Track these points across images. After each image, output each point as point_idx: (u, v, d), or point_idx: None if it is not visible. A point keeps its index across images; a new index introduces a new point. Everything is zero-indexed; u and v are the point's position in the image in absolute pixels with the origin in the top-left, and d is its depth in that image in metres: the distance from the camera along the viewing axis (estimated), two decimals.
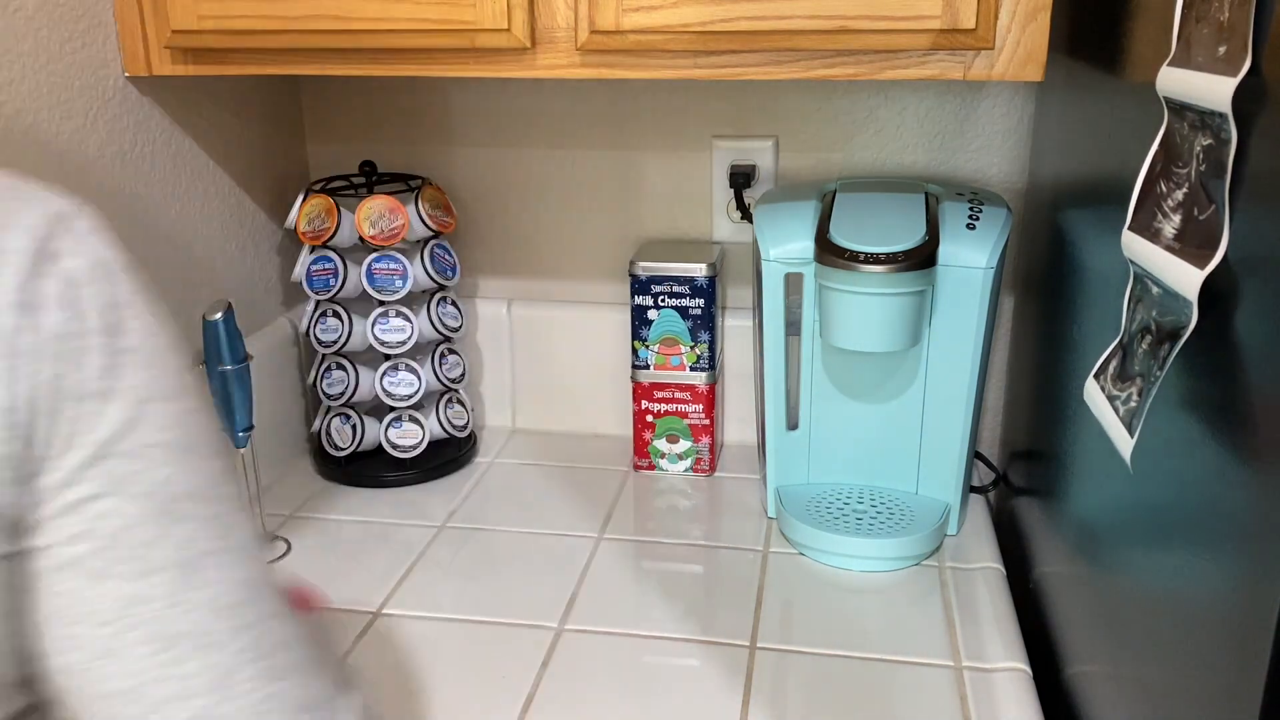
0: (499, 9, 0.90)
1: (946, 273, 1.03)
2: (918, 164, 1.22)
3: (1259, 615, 0.49)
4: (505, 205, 1.32)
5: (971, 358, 1.06)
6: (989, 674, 0.90)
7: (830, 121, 1.22)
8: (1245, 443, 0.51)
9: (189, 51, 0.98)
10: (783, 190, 1.15)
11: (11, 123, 0.87)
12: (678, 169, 1.27)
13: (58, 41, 0.92)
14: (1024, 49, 0.85)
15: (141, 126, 1.02)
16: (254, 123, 1.22)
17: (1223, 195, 0.51)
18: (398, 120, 1.31)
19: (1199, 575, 0.57)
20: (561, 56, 0.92)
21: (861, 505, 1.11)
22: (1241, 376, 0.52)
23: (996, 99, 1.18)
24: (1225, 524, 0.53)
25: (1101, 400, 0.65)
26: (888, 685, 0.89)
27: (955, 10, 0.84)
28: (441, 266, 1.22)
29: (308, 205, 1.18)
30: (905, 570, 1.06)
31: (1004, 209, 1.06)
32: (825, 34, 0.86)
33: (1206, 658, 0.56)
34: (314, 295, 1.19)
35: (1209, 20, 0.54)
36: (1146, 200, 0.60)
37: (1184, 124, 0.56)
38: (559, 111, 1.27)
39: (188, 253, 1.10)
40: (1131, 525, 0.70)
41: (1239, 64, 0.50)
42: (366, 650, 0.94)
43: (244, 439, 1.07)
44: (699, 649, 0.94)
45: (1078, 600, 0.85)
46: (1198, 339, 0.56)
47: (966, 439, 1.09)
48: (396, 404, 1.22)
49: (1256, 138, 0.50)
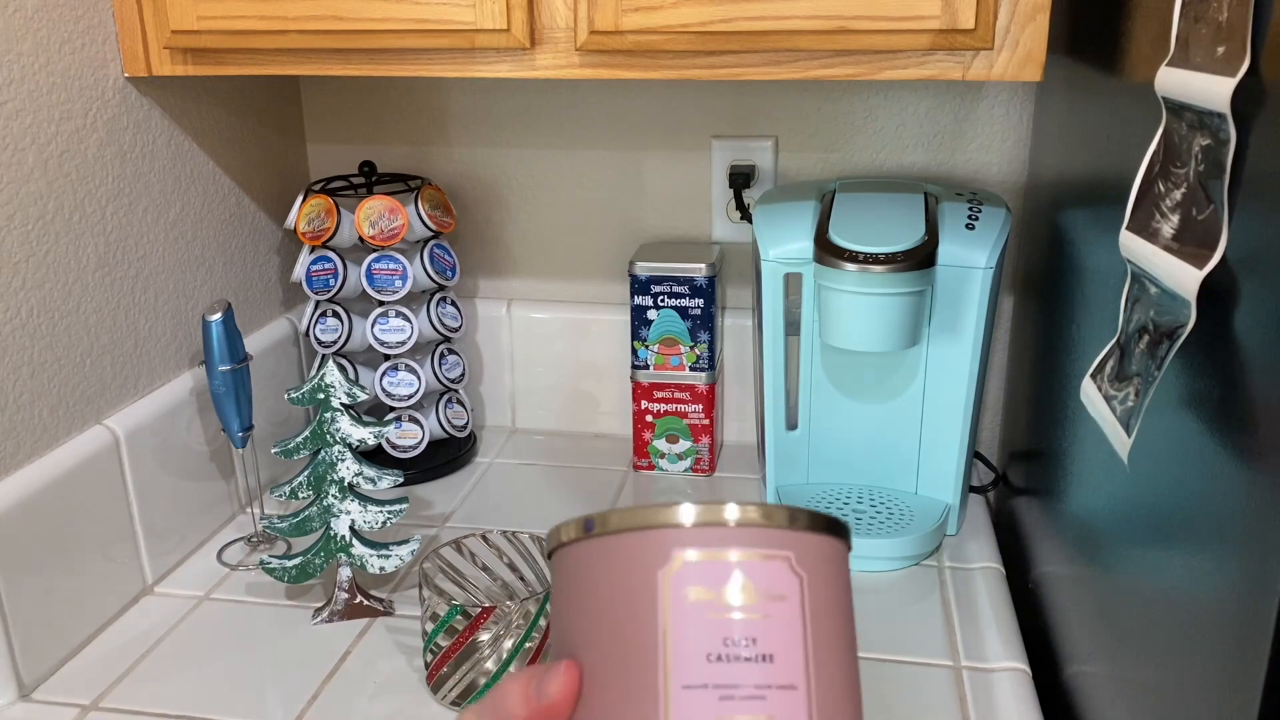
0: (498, 9, 0.90)
1: (946, 273, 1.03)
2: (917, 164, 1.22)
3: (1258, 614, 0.49)
4: (505, 205, 1.32)
5: (971, 358, 1.06)
6: (988, 674, 0.90)
7: (830, 121, 1.22)
8: (1243, 442, 0.51)
9: (188, 52, 0.98)
10: (782, 190, 1.15)
11: (11, 123, 0.87)
12: (677, 169, 1.27)
13: (57, 42, 0.92)
14: (1023, 49, 0.85)
15: (141, 127, 1.02)
16: (253, 123, 1.22)
17: (1221, 195, 0.51)
18: (397, 120, 1.31)
19: (1198, 575, 0.57)
20: (561, 57, 0.92)
21: (861, 505, 1.11)
22: (1240, 376, 0.52)
23: (996, 99, 1.18)
24: (1224, 523, 0.53)
25: (1099, 400, 0.65)
26: (886, 685, 0.89)
27: (954, 10, 0.84)
28: (441, 267, 1.22)
29: (307, 205, 1.18)
30: (904, 570, 1.06)
31: (1003, 209, 1.06)
32: (824, 34, 0.86)
33: (1206, 657, 0.56)
34: (313, 295, 1.19)
35: (1207, 20, 0.54)
36: (1145, 200, 0.60)
37: (1182, 124, 0.56)
38: (558, 112, 1.27)
39: (187, 253, 1.10)
40: (1131, 525, 0.69)
41: (1237, 64, 0.50)
42: (368, 651, 0.94)
43: (243, 439, 1.07)
44: None
45: (1077, 600, 0.84)
46: (1196, 339, 0.56)
47: (966, 439, 1.09)
48: (396, 404, 1.22)
49: (1255, 138, 0.50)
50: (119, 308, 1.00)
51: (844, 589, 0.43)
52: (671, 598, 0.40)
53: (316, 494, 0.96)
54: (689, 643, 0.40)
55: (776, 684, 0.40)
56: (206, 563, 1.08)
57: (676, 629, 0.40)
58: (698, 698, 0.39)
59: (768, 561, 0.41)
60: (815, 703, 0.40)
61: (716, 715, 0.39)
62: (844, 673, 0.42)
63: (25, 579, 0.88)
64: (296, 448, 0.95)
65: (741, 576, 0.40)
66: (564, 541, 0.44)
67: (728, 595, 0.40)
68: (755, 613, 0.40)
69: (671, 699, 0.39)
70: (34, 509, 0.88)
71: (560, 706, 0.41)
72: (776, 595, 0.40)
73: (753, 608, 0.40)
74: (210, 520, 1.12)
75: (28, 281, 0.89)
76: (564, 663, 0.42)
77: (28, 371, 0.89)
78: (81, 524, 0.94)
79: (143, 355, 1.04)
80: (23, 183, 0.88)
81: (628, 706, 0.40)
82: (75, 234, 0.94)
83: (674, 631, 0.40)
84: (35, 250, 0.90)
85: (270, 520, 0.97)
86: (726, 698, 0.39)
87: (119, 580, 0.99)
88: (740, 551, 0.41)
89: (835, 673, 0.41)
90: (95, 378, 0.97)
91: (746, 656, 0.39)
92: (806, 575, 0.41)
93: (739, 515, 0.41)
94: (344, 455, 0.95)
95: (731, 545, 0.41)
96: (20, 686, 0.88)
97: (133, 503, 1.00)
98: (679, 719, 0.39)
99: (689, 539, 0.41)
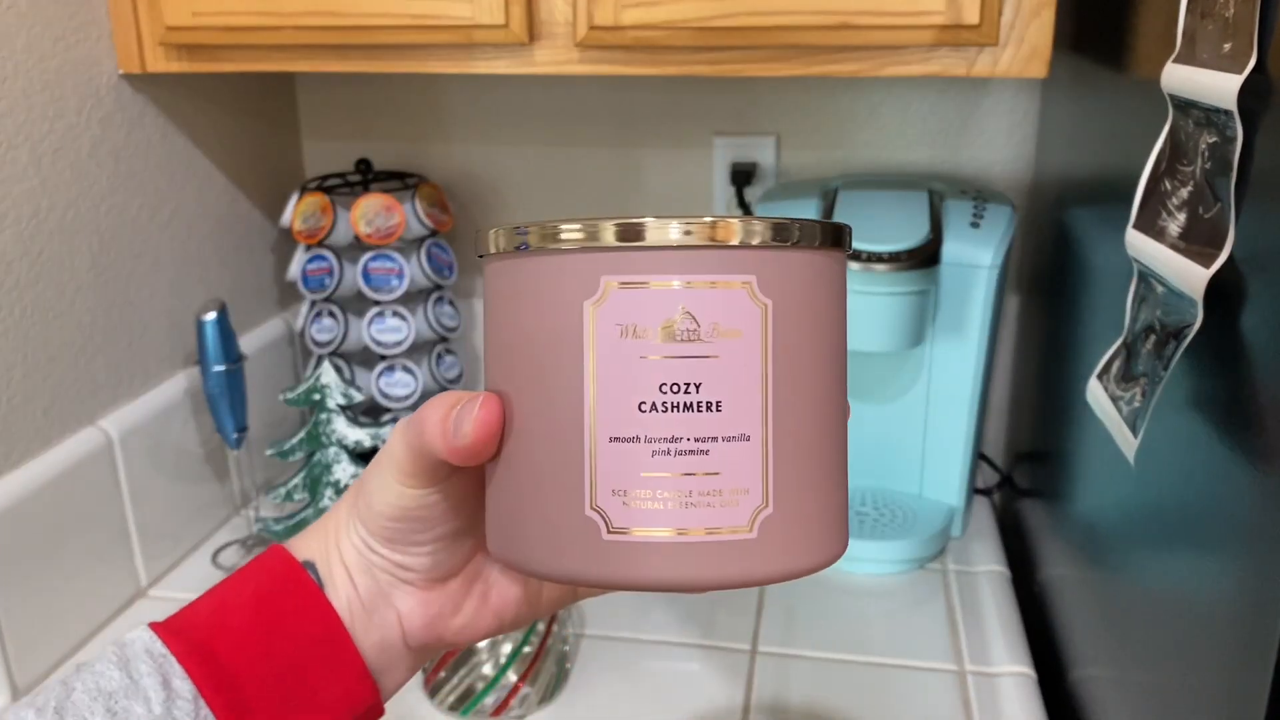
0: (496, 4, 0.89)
1: (950, 272, 1.02)
2: (921, 161, 1.20)
3: (1265, 618, 0.49)
4: (503, 203, 1.31)
5: (975, 358, 1.05)
6: (993, 678, 0.89)
7: (832, 118, 1.21)
8: (1251, 444, 0.51)
9: (183, 48, 0.97)
10: (784, 188, 1.13)
11: (3, 120, 0.86)
12: (678, 166, 1.26)
13: (50, 39, 0.91)
14: (1028, 45, 0.84)
15: (135, 124, 1.02)
16: (249, 120, 1.21)
17: (1228, 193, 0.50)
18: (394, 117, 1.30)
19: (1205, 578, 0.56)
20: (560, 52, 0.91)
21: (864, 507, 1.10)
22: (1247, 377, 0.51)
23: (1001, 96, 1.17)
24: (1231, 526, 0.53)
25: (1105, 400, 0.64)
26: (890, 689, 0.88)
27: (959, 6, 0.83)
28: (438, 266, 1.21)
29: (303, 203, 1.17)
30: (908, 573, 1.05)
31: (1008, 207, 1.05)
32: (827, 29, 0.85)
33: (1212, 661, 0.55)
34: (309, 295, 1.18)
35: (1214, 17, 0.53)
36: (1151, 198, 0.59)
37: (1189, 121, 0.55)
38: (557, 108, 1.26)
39: (181, 252, 1.09)
40: (1137, 527, 0.69)
41: (1244, 61, 0.49)
42: None
43: (238, 440, 1.06)
44: (699, 653, 0.93)
45: (1083, 603, 0.84)
46: (1203, 338, 0.55)
47: (970, 440, 1.08)
48: (393, 405, 1.21)
49: (1262, 135, 0.50)
50: (113, 307, 0.99)
51: (828, 314, 0.36)
52: (598, 334, 0.34)
53: (312, 496, 0.95)
54: (617, 389, 0.34)
55: (724, 435, 0.33)
56: (201, 565, 1.07)
57: (603, 374, 0.34)
58: (627, 452, 0.33)
59: (718, 289, 0.34)
60: (774, 453, 0.34)
61: (646, 472, 0.33)
62: (816, 412, 0.35)
63: (18, 582, 0.87)
64: (292, 449, 0.94)
65: (683, 308, 0.33)
66: (491, 253, 0.37)
67: (664, 332, 0.33)
68: (701, 353, 0.33)
69: (597, 454, 0.34)
70: (27, 511, 0.88)
71: (476, 447, 0.37)
72: (729, 330, 0.34)
73: (696, 346, 0.33)
74: (205, 522, 1.12)
75: (20, 281, 0.88)
76: (482, 398, 0.37)
77: (20, 372, 0.88)
78: (75, 526, 0.93)
79: (136, 356, 1.03)
80: (15, 181, 0.88)
81: (548, 459, 0.34)
82: (68, 233, 0.94)
83: (600, 376, 0.34)
84: (28, 249, 0.89)
85: (266, 522, 0.97)
86: (661, 453, 0.33)
87: (113, 583, 0.98)
88: (683, 278, 0.34)
89: (804, 415, 0.35)
90: (89, 378, 0.97)
91: (687, 404, 0.33)
92: (773, 302, 0.34)
93: (682, 232, 0.34)
94: (340, 457, 0.94)
95: (673, 271, 0.33)
96: (14, 690, 0.87)
97: (127, 505, 0.99)
98: (606, 474, 0.34)
99: (622, 264, 0.34)
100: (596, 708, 0.86)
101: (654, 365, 0.33)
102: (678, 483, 0.33)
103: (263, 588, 0.44)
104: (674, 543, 0.33)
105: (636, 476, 0.34)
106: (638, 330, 0.34)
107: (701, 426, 0.33)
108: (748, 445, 0.34)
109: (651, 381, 0.33)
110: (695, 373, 0.33)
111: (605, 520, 0.34)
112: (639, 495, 0.34)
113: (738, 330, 0.34)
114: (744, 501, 0.34)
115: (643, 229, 0.34)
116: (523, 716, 0.86)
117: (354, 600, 0.45)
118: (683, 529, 0.33)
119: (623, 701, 0.87)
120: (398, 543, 0.44)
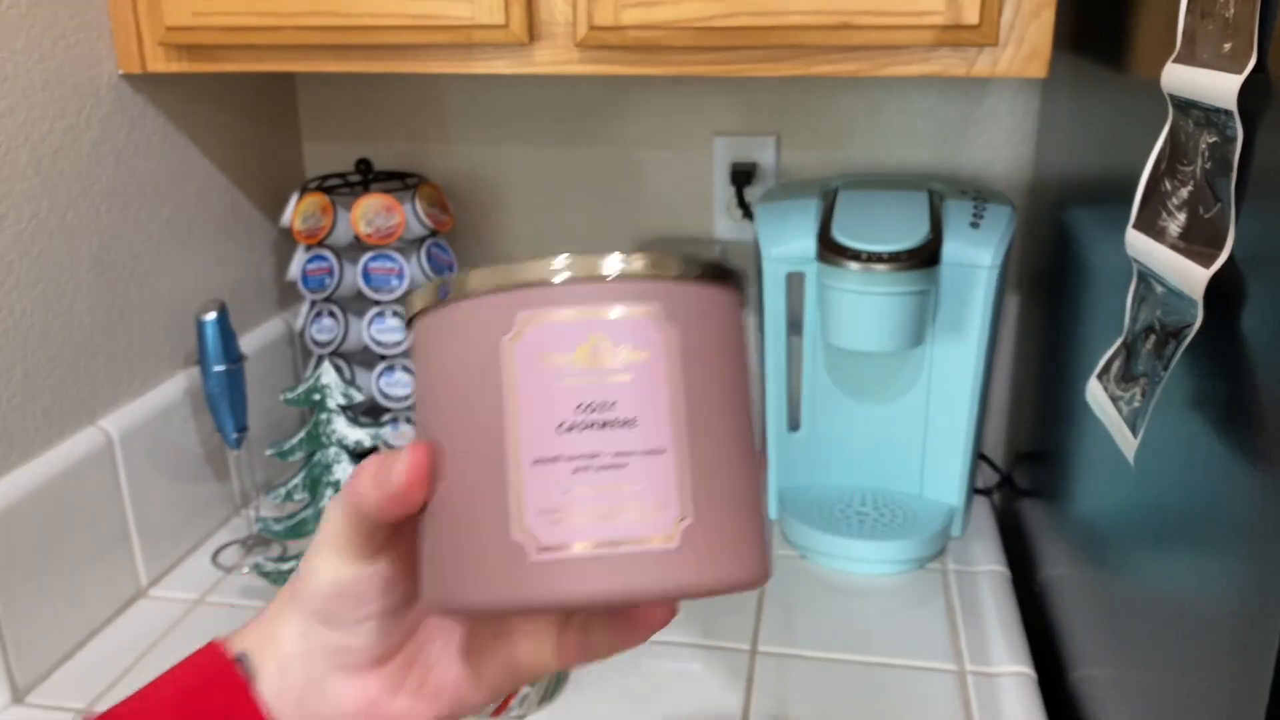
0: (496, 4, 0.89)
1: (950, 272, 1.02)
2: (921, 161, 1.20)
3: (1265, 618, 0.49)
4: (503, 203, 1.31)
5: (975, 358, 1.05)
6: (993, 678, 0.89)
7: (832, 118, 1.21)
8: (1251, 444, 0.51)
9: (184, 48, 0.97)
10: (784, 188, 1.13)
11: (3, 120, 0.86)
12: (678, 166, 1.26)
13: (50, 39, 0.91)
14: (1028, 45, 0.84)
15: (135, 124, 1.02)
16: (249, 120, 1.21)
17: (1228, 193, 0.50)
18: (394, 117, 1.30)
19: (1205, 578, 0.56)
20: (560, 52, 0.91)
21: (864, 507, 1.10)
22: (1247, 377, 0.51)
23: (1001, 96, 1.17)
24: (1232, 526, 0.53)
25: (1105, 400, 0.64)
26: (891, 689, 0.88)
27: (958, 6, 0.83)
28: (438, 266, 1.21)
29: (303, 203, 1.17)
30: (908, 573, 1.05)
31: (1008, 207, 1.05)
32: (827, 29, 0.85)
33: (1213, 661, 0.55)
34: (309, 295, 1.18)
35: (1214, 17, 0.53)
36: (1151, 198, 0.59)
37: (1189, 121, 0.55)
38: (557, 108, 1.26)
39: (182, 252, 1.09)
40: (1137, 527, 0.69)
41: (1244, 61, 0.49)
42: None
43: (238, 440, 1.06)
44: (699, 653, 0.93)
45: (1083, 603, 0.84)
46: (1203, 339, 0.55)
47: (970, 440, 1.08)
48: (393, 405, 1.21)
49: (1262, 135, 0.49)
50: (113, 307, 0.99)
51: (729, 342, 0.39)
52: (517, 366, 0.36)
53: (312, 496, 0.95)
54: (537, 414, 0.36)
55: (640, 449, 0.36)
56: (201, 566, 1.07)
57: (524, 400, 0.36)
58: (549, 472, 0.36)
59: (625, 318, 0.37)
60: (690, 466, 0.36)
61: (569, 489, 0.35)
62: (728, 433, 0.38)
63: (19, 582, 0.87)
64: (292, 449, 0.94)
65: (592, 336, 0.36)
66: (417, 311, 0.40)
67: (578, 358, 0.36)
68: (613, 374, 0.36)
69: (524, 476, 0.36)
70: (27, 512, 0.88)
71: (409, 491, 0.39)
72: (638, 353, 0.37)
73: (608, 369, 0.36)
74: (205, 523, 1.12)
75: (21, 281, 0.88)
76: (409, 445, 0.39)
77: (20, 372, 0.88)
78: (75, 527, 0.93)
79: (137, 356, 1.03)
80: (15, 181, 0.88)
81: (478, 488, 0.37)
82: (69, 233, 0.94)
83: (521, 403, 0.36)
84: (28, 249, 0.89)
85: (266, 522, 0.97)
86: (582, 469, 0.36)
87: (113, 583, 0.98)
88: (588, 309, 0.37)
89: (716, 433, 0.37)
90: (89, 378, 0.97)
91: (604, 422, 0.36)
92: (676, 328, 0.37)
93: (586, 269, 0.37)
94: (340, 457, 0.94)
95: (578, 303, 0.37)
96: (14, 691, 0.87)
97: (127, 505, 0.99)
98: (531, 496, 0.36)
99: (532, 300, 0.37)
100: (596, 708, 0.86)
101: (570, 388, 0.36)
102: (600, 496, 0.36)
103: (189, 685, 0.44)
104: (601, 556, 0.35)
105: (561, 495, 0.36)
106: (553, 358, 0.36)
107: (618, 441, 0.36)
108: (664, 458, 0.36)
109: (568, 403, 0.36)
110: (608, 392, 0.36)
111: (533, 540, 0.36)
112: (564, 512, 0.36)
113: (645, 351, 0.37)
114: (665, 512, 0.36)
115: (553, 269, 0.37)
116: (523, 717, 0.86)
117: (284, 692, 0.45)
118: (608, 541, 0.35)
119: (623, 702, 0.87)
120: (336, 621, 0.44)
